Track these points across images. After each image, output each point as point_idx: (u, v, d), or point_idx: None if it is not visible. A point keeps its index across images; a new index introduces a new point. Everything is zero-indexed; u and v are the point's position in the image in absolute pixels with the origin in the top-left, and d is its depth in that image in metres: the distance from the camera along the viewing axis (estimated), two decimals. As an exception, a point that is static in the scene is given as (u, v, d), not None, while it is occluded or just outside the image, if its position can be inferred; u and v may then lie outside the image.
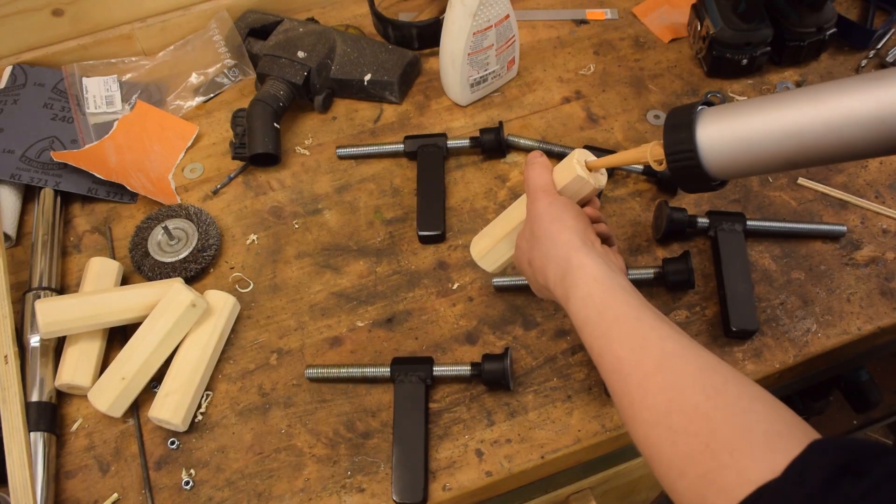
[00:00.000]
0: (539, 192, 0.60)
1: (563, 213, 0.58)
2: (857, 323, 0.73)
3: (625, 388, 0.48)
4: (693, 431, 0.43)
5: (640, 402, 0.47)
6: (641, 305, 0.51)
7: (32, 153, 0.86)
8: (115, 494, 0.67)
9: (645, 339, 0.49)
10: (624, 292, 0.52)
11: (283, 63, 0.89)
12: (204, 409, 0.71)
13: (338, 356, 0.74)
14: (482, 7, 0.81)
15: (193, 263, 0.78)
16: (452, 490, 0.65)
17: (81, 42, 0.94)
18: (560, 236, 0.56)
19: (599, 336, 0.51)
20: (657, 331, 0.49)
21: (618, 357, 0.49)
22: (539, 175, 0.61)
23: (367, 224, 0.83)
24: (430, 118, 0.92)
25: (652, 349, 0.48)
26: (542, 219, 0.58)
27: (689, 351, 0.47)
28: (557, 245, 0.56)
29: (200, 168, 0.89)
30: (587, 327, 0.52)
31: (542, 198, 0.59)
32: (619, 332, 0.50)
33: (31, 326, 0.73)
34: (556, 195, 0.60)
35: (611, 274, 0.54)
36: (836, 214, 0.80)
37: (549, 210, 0.58)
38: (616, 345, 0.50)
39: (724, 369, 0.46)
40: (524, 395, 0.70)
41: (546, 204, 0.59)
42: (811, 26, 0.88)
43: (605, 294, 0.52)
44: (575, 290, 0.54)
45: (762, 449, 0.40)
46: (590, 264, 0.54)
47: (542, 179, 0.61)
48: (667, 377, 0.46)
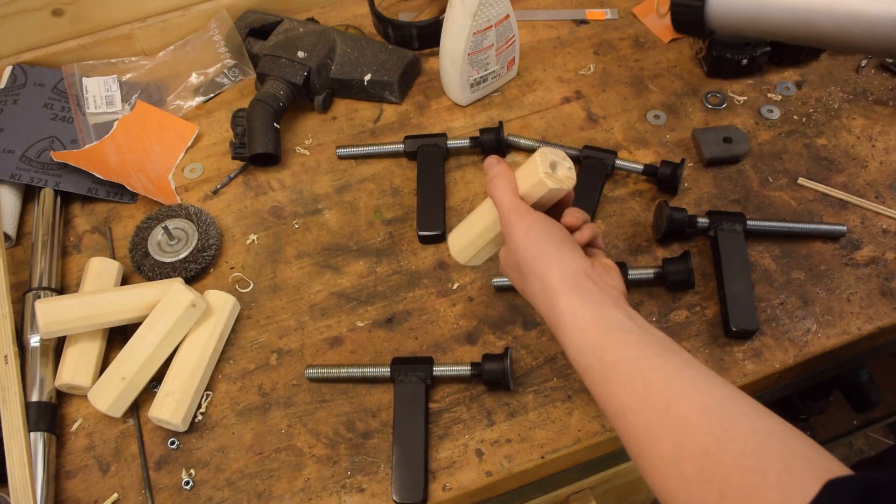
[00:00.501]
0: (511, 214, 0.56)
1: (544, 248, 0.54)
2: (857, 323, 0.73)
3: (631, 434, 0.46)
4: (706, 478, 0.41)
5: (650, 450, 0.44)
6: (642, 342, 0.49)
7: (32, 153, 0.86)
8: (115, 494, 0.67)
9: (647, 382, 0.46)
10: (621, 331, 0.49)
11: (283, 63, 0.89)
12: (204, 409, 0.71)
13: (338, 356, 0.74)
14: (482, 7, 0.81)
15: (193, 263, 0.78)
16: (452, 490, 0.65)
17: (81, 42, 0.94)
18: (547, 277, 0.53)
19: (600, 382, 0.49)
20: (660, 370, 0.46)
21: (621, 403, 0.47)
22: (503, 192, 0.57)
23: (367, 224, 0.83)
24: (430, 118, 0.92)
25: (655, 392, 0.46)
26: (523, 254, 0.55)
27: (693, 388, 0.45)
28: (545, 287, 0.53)
29: (200, 168, 0.89)
30: (588, 374, 0.50)
31: (517, 223, 0.55)
32: (619, 376, 0.48)
33: (31, 326, 0.73)
34: (529, 215, 0.55)
35: (605, 313, 0.50)
36: (836, 214, 0.80)
37: (527, 242, 0.54)
38: (618, 390, 0.47)
39: (733, 404, 0.43)
40: (524, 395, 0.70)
41: (523, 233, 0.55)
42: (811, 26, 0.88)
43: (600, 338, 0.49)
44: (569, 338, 0.51)
45: (778, 492, 0.38)
46: (581, 310, 0.51)
47: (507, 198, 0.56)
48: (673, 421, 0.44)
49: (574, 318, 0.51)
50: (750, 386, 0.71)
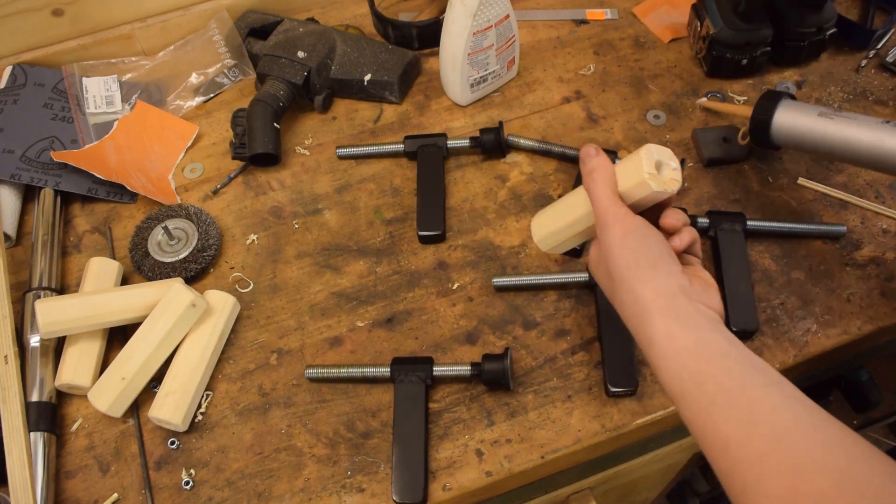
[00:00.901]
0: (608, 215, 0.52)
1: (642, 258, 0.50)
2: (857, 323, 0.73)
3: (735, 470, 0.42)
4: None
5: (755, 488, 0.41)
6: (745, 370, 0.45)
7: (32, 153, 0.86)
8: (115, 494, 0.67)
9: (753, 414, 0.43)
10: (722, 358, 0.46)
11: (283, 63, 0.89)
12: (204, 409, 0.71)
13: (338, 356, 0.74)
14: (482, 7, 0.81)
15: (193, 263, 0.78)
16: (452, 490, 0.65)
17: (81, 42, 0.94)
18: (640, 292, 0.49)
19: (699, 411, 0.45)
20: (766, 402, 0.43)
21: (723, 435, 0.43)
22: (602, 189, 0.53)
23: (367, 224, 0.83)
24: (430, 118, 0.92)
25: (763, 425, 0.42)
26: (616, 262, 0.51)
27: (804, 423, 0.42)
28: (638, 303, 0.49)
29: (200, 168, 0.89)
30: (683, 402, 0.47)
31: (613, 226, 0.52)
32: (722, 407, 0.44)
33: (31, 326, 0.73)
34: (627, 219, 0.52)
35: (704, 337, 0.47)
36: (836, 214, 0.80)
37: (622, 249, 0.51)
38: (720, 421, 0.44)
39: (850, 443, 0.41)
40: (524, 395, 0.70)
41: (619, 239, 0.51)
42: (811, 26, 0.88)
43: (700, 365, 0.46)
44: (664, 361, 0.48)
45: None
46: (678, 333, 0.47)
47: (605, 196, 0.52)
48: (784, 458, 0.40)
49: (671, 342, 0.47)
50: (750, 386, 0.71)
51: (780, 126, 0.75)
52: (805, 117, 0.73)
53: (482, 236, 0.81)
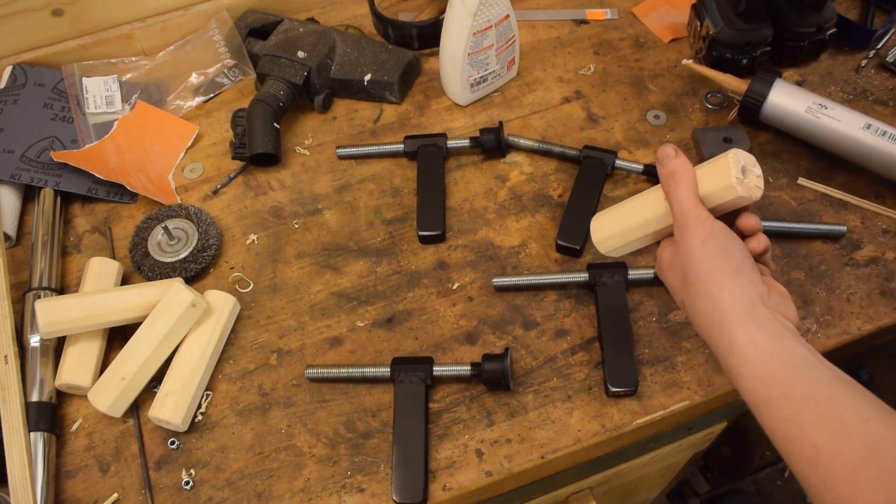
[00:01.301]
0: (689, 217, 0.51)
1: (721, 265, 0.49)
2: (857, 323, 0.73)
3: (828, 482, 0.42)
4: None
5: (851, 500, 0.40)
6: (832, 379, 0.45)
7: (32, 153, 0.86)
8: (115, 494, 0.67)
9: (845, 424, 0.42)
10: (808, 367, 0.45)
11: (283, 63, 0.89)
12: (204, 409, 0.71)
13: (338, 356, 0.74)
14: (482, 7, 0.81)
15: (193, 263, 0.78)
16: (452, 490, 0.65)
17: (81, 42, 0.94)
18: (722, 298, 0.48)
19: (785, 420, 0.44)
20: (858, 412, 0.43)
21: (813, 445, 0.43)
22: (685, 191, 0.52)
23: (367, 224, 0.83)
24: (430, 118, 0.92)
25: (856, 435, 0.42)
26: (696, 265, 0.50)
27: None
28: (719, 309, 0.48)
29: (200, 168, 0.89)
30: (768, 409, 0.46)
31: (695, 228, 0.51)
32: (811, 416, 0.43)
33: (31, 326, 0.73)
34: (710, 223, 0.51)
35: (788, 345, 0.46)
36: (836, 214, 0.80)
37: (703, 253, 0.50)
38: (810, 431, 0.43)
39: None
40: (524, 395, 0.70)
41: (700, 242, 0.50)
42: (811, 26, 0.88)
43: (787, 372, 0.45)
44: (747, 368, 0.47)
45: None
46: (762, 340, 0.46)
47: (688, 198, 0.51)
48: (881, 469, 0.40)
49: (754, 349, 0.47)
50: (750, 386, 0.71)
51: (773, 106, 0.81)
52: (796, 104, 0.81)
53: (482, 236, 0.81)
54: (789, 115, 0.81)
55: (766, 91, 0.82)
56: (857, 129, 0.78)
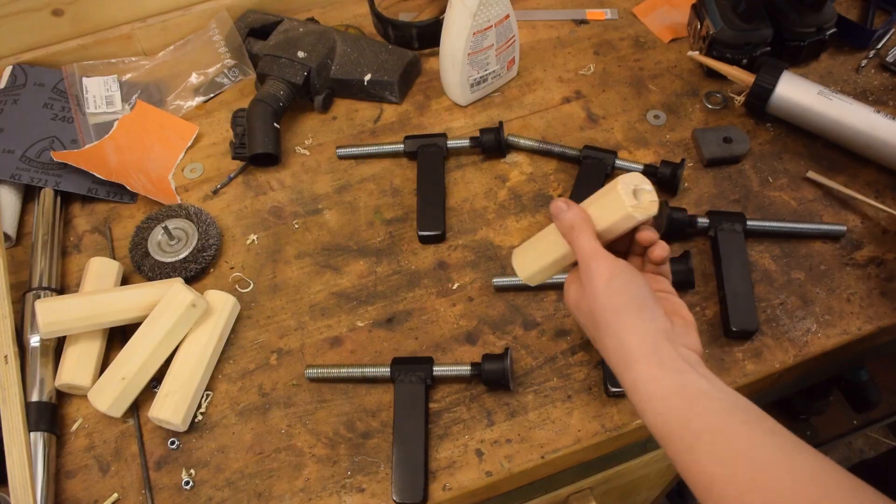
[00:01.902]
0: (591, 261, 0.53)
1: (626, 306, 0.51)
2: (857, 323, 0.73)
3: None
4: None
5: None
6: (727, 409, 0.47)
7: (32, 153, 0.86)
8: (115, 494, 0.67)
9: (735, 452, 0.45)
10: (705, 399, 0.48)
11: (283, 63, 0.89)
12: (204, 409, 0.71)
13: (338, 356, 0.74)
14: (482, 7, 0.81)
15: (193, 263, 0.78)
16: (452, 490, 0.65)
17: (81, 42, 0.94)
18: (625, 338, 0.51)
19: (685, 451, 0.47)
20: (747, 439, 0.45)
21: (708, 473, 0.45)
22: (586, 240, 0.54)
23: (367, 224, 0.83)
24: (430, 118, 0.92)
25: (744, 463, 0.44)
26: (602, 305, 0.52)
27: (783, 458, 0.44)
28: (623, 348, 0.51)
29: (200, 168, 0.89)
30: (670, 442, 0.48)
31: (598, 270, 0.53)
32: (706, 445, 0.46)
33: (31, 326, 0.73)
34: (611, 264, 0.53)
35: (687, 380, 0.49)
36: (836, 214, 0.80)
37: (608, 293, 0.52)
38: (705, 460, 0.46)
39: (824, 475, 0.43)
40: (524, 395, 0.70)
41: (604, 283, 0.52)
42: (811, 26, 0.88)
43: (685, 406, 0.48)
44: (650, 404, 0.49)
45: None
46: (662, 377, 0.49)
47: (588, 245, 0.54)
48: (764, 493, 0.42)
49: (656, 386, 0.49)
50: (750, 386, 0.71)
51: (780, 97, 0.82)
52: (805, 93, 0.82)
53: (482, 236, 0.81)
54: (799, 102, 0.82)
55: (776, 79, 0.82)
56: (869, 112, 0.79)
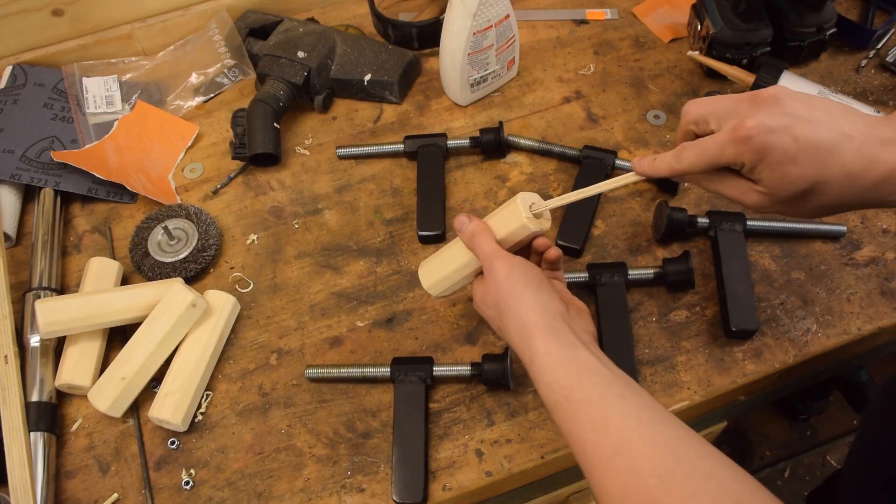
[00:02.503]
0: (492, 260, 0.58)
1: (524, 289, 0.56)
2: (857, 323, 0.73)
3: (590, 471, 0.49)
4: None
5: (602, 486, 0.47)
6: (606, 384, 0.51)
7: (32, 153, 0.86)
8: (115, 494, 0.67)
9: (606, 421, 0.48)
10: (589, 372, 0.51)
11: (283, 63, 0.89)
12: (204, 409, 0.71)
13: (338, 356, 0.74)
14: (482, 7, 0.81)
15: (193, 263, 0.78)
16: (452, 490, 0.65)
17: (81, 42, 0.94)
18: (524, 317, 0.55)
19: (566, 419, 0.51)
20: (619, 411, 0.49)
21: (582, 440, 0.49)
22: (486, 245, 0.59)
23: (367, 224, 0.83)
24: (430, 118, 0.92)
25: (612, 431, 0.48)
26: (503, 294, 0.57)
27: (646, 429, 0.47)
28: (524, 327, 0.55)
29: (200, 168, 0.89)
30: (555, 411, 0.52)
31: (498, 267, 0.57)
32: (583, 415, 0.50)
33: (31, 326, 0.73)
34: (510, 259, 0.58)
35: (576, 354, 0.53)
36: (836, 214, 0.80)
37: (508, 284, 0.56)
38: (580, 428, 0.50)
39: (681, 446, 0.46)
40: (524, 395, 0.70)
41: (504, 274, 0.57)
42: (811, 26, 0.88)
43: (570, 378, 0.52)
44: (541, 376, 0.53)
45: None
46: (554, 350, 0.53)
47: (488, 248, 0.59)
48: (624, 460, 0.46)
49: (548, 359, 0.53)
50: (750, 386, 0.71)
51: None
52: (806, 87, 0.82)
53: (482, 236, 0.81)
54: None
55: (776, 79, 0.83)
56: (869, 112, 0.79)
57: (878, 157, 0.49)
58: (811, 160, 0.49)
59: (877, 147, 0.49)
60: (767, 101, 0.50)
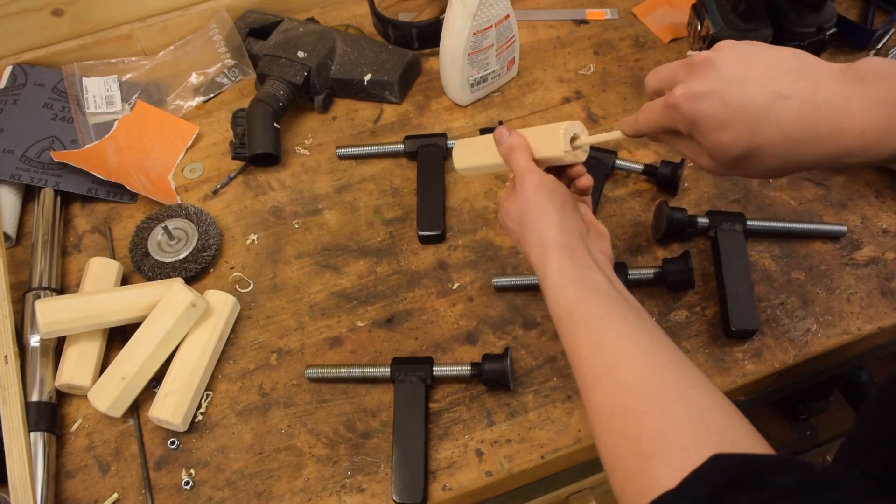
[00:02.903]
0: (524, 174, 0.59)
1: (549, 205, 0.57)
2: (857, 323, 0.73)
3: (583, 386, 0.50)
4: (626, 434, 0.45)
5: (592, 402, 0.49)
6: (610, 304, 0.52)
7: (32, 153, 0.86)
8: (115, 494, 0.67)
9: (603, 341, 0.50)
10: (596, 293, 0.53)
11: (283, 63, 0.89)
12: (204, 409, 0.71)
13: (338, 356, 0.74)
14: (482, 7, 0.81)
15: (193, 263, 0.78)
16: (452, 490, 0.65)
17: (81, 42, 0.94)
18: (545, 232, 0.56)
19: (568, 335, 0.53)
20: (617, 332, 0.50)
21: (579, 357, 0.51)
22: (521, 158, 0.61)
23: (367, 224, 0.83)
24: (430, 118, 0.92)
25: (607, 350, 0.49)
26: (529, 209, 0.58)
27: (639, 351, 0.48)
28: (542, 241, 0.56)
29: (200, 168, 0.89)
30: (560, 326, 0.54)
31: (529, 181, 0.59)
32: (582, 332, 0.51)
33: (31, 326, 0.73)
34: (541, 175, 0.59)
35: (587, 274, 0.54)
36: (836, 214, 0.80)
37: (535, 198, 0.58)
38: (578, 344, 0.51)
39: (671, 371, 0.47)
40: (524, 395, 0.70)
41: (532, 189, 0.58)
42: (811, 26, 0.88)
43: (577, 296, 0.53)
44: (552, 291, 0.54)
45: (676, 457, 0.41)
46: (567, 268, 0.54)
47: (524, 162, 0.60)
48: (614, 379, 0.47)
49: (560, 276, 0.54)
50: (750, 386, 0.71)
51: None
52: None
53: (482, 236, 0.81)
54: None
55: None
56: None
57: (818, 120, 0.46)
58: (742, 125, 0.48)
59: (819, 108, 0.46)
60: (701, 65, 0.49)
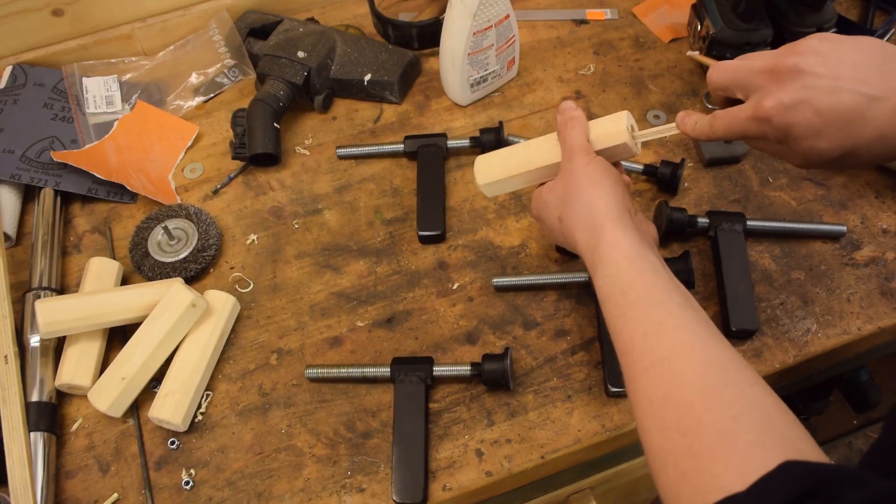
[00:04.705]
0: (577, 151, 0.58)
1: (602, 179, 0.56)
2: (857, 323, 0.73)
3: (632, 371, 0.48)
4: (682, 430, 0.43)
5: (643, 390, 0.46)
6: (667, 289, 0.50)
7: (32, 153, 0.86)
8: (115, 494, 0.67)
9: (660, 326, 0.47)
10: (653, 273, 0.51)
11: (283, 63, 0.89)
12: (204, 409, 0.71)
13: (338, 356, 0.74)
14: (482, 7, 0.81)
15: (193, 263, 0.78)
16: (452, 490, 0.65)
17: (81, 42, 0.94)
18: (597, 203, 0.55)
19: (619, 315, 0.50)
20: (675, 318, 0.48)
21: (631, 339, 0.48)
22: (578, 134, 0.59)
23: (367, 224, 0.83)
24: (430, 118, 0.92)
25: (664, 337, 0.47)
26: (579, 181, 0.57)
27: (699, 344, 0.46)
28: (593, 212, 0.55)
29: (200, 168, 0.89)
30: (609, 303, 0.51)
31: (580, 157, 0.58)
32: (637, 314, 0.49)
33: (31, 326, 0.73)
34: (593, 155, 0.58)
35: (643, 252, 0.52)
36: (836, 214, 0.80)
37: (587, 171, 0.56)
38: (631, 327, 0.49)
39: (731, 369, 0.45)
40: (524, 395, 0.70)
41: (584, 164, 0.57)
42: (811, 26, 0.88)
43: (632, 273, 0.51)
44: (604, 265, 0.52)
45: (741, 459, 0.39)
46: (623, 241, 0.52)
47: (580, 139, 0.59)
48: (671, 369, 0.45)
49: (614, 249, 0.52)
50: (750, 386, 0.71)
51: None
52: None
53: (482, 236, 0.81)
54: None
55: None
56: None
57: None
58: (837, 131, 0.48)
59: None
60: (788, 73, 0.49)
